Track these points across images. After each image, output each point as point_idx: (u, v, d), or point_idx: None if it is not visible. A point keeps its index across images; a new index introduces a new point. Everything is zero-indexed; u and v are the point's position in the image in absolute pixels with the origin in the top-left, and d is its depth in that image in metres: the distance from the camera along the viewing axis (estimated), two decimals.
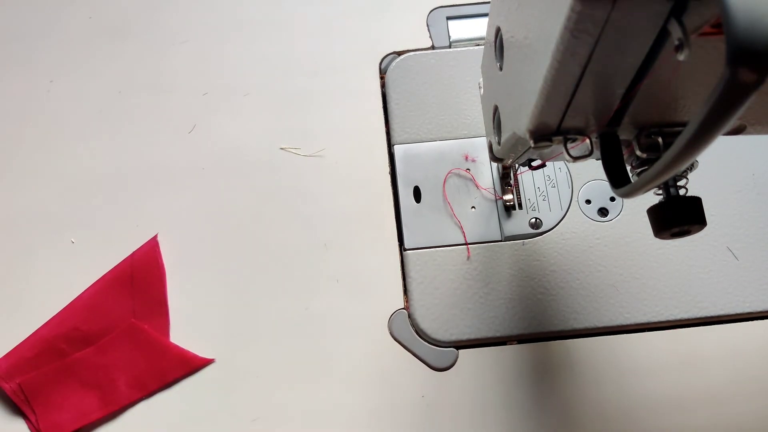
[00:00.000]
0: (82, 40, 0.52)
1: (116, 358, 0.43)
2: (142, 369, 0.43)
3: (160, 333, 0.43)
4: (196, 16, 0.53)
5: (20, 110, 0.50)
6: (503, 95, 0.32)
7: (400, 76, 0.49)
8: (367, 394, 0.42)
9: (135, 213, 0.47)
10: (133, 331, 0.43)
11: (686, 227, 0.26)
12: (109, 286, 0.44)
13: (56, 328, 0.43)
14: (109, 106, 0.50)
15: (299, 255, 0.45)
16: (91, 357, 0.43)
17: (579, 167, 0.46)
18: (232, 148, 0.48)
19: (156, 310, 0.44)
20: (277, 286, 0.45)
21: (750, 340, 0.43)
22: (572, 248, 0.44)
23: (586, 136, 0.27)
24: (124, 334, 0.43)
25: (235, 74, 0.51)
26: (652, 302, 0.43)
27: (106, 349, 0.43)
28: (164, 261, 0.45)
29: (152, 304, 0.44)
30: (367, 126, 0.49)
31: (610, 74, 0.23)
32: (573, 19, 0.20)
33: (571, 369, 0.42)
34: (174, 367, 0.43)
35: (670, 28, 0.20)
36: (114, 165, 0.48)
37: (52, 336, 0.43)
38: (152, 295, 0.44)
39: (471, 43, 0.51)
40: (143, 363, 0.43)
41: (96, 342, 0.43)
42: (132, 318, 0.44)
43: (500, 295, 0.43)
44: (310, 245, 0.45)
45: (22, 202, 0.47)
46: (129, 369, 0.43)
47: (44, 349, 0.43)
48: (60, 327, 0.43)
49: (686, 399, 0.41)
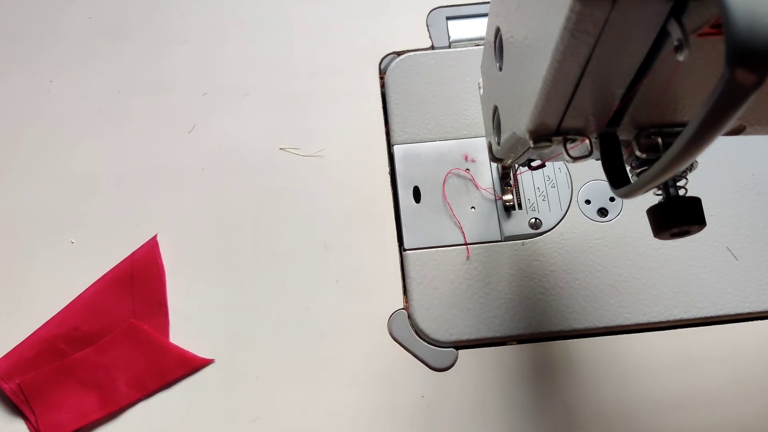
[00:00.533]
0: (82, 40, 0.52)
1: (116, 358, 0.43)
2: (142, 369, 0.43)
3: (160, 333, 0.43)
4: (195, 16, 0.53)
5: (20, 110, 0.50)
6: (503, 95, 0.32)
7: (399, 77, 0.49)
8: (367, 394, 0.42)
9: (135, 213, 0.47)
10: (133, 331, 0.43)
11: (686, 227, 0.26)
12: (109, 286, 0.44)
13: (56, 328, 0.43)
14: (109, 106, 0.50)
15: (299, 255, 0.45)
16: (91, 357, 0.43)
17: (579, 167, 0.46)
18: (232, 149, 0.48)
19: (156, 310, 0.44)
20: (277, 287, 0.45)
21: (749, 340, 0.43)
22: (572, 248, 0.44)
23: (585, 137, 0.27)
24: (124, 334, 0.43)
25: (235, 74, 0.51)
26: (651, 302, 0.43)
27: (106, 349, 0.43)
28: (164, 261, 0.45)
29: (152, 304, 0.44)
30: (367, 126, 0.49)
31: (610, 74, 0.23)
32: (573, 19, 0.20)
33: (571, 369, 0.42)
34: (174, 367, 0.43)
35: (670, 28, 0.20)
36: (114, 165, 0.48)
37: (51, 336, 0.43)
38: (152, 295, 0.44)
39: (471, 43, 0.51)
40: (143, 363, 0.43)
41: (96, 342, 0.43)
42: (132, 318, 0.44)
43: (500, 296, 0.43)
44: (309, 245, 0.45)
45: (21, 201, 0.47)
46: (129, 369, 0.43)
47: (44, 349, 0.43)
48: (60, 327, 0.43)
49: (686, 399, 0.41)
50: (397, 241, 0.45)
